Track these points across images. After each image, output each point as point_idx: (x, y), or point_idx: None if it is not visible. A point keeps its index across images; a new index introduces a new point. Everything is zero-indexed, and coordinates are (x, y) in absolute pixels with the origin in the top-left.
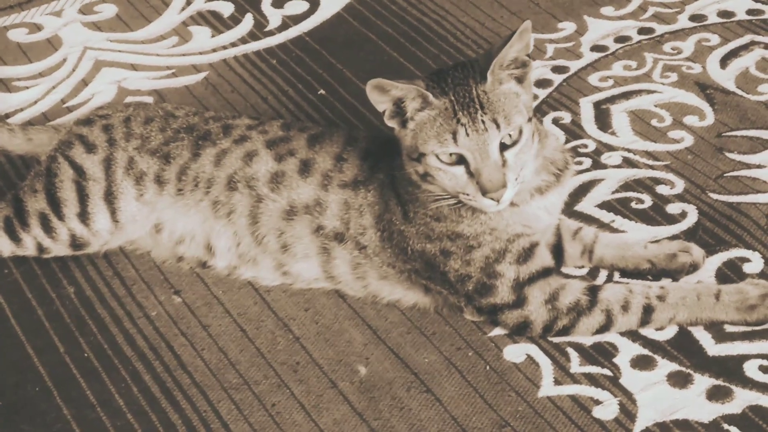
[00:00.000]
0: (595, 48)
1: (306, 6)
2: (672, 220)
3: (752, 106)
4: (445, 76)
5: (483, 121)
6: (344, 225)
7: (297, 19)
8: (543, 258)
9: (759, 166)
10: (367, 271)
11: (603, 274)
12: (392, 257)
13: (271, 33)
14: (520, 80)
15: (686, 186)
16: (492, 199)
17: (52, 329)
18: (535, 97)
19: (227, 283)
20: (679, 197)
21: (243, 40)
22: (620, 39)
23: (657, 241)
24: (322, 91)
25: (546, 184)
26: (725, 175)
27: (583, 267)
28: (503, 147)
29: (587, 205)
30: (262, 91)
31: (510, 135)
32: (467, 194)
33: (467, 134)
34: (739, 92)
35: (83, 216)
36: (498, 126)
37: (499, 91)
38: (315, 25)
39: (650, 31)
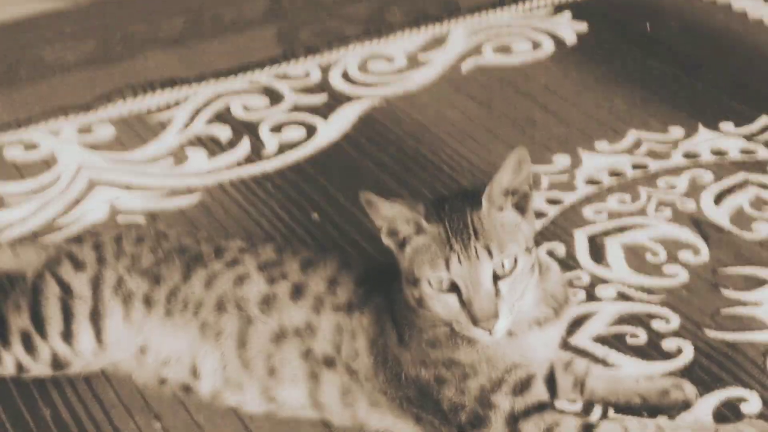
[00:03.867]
0: (590, 181)
1: (304, 133)
2: (667, 356)
3: (747, 243)
4: (444, 202)
5: (475, 249)
6: (335, 349)
7: (294, 145)
8: (539, 391)
9: (755, 304)
10: (357, 397)
11: (598, 409)
12: (385, 383)
13: (267, 158)
14: (520, 210)
15: (682, 322)
16: (484, 329)
17: None
18: None
19: (210, 410)
20: (675, 333)
21: (239, 164)
22: (614, 173)
23: (650, 377)
24: (316, 216)
25: (545, 317)
26: (721, 311)
27: (575, 401)
28: (497, 276)
29: (581, 337)
30: (256, 215)
31: (504, 264)
32: (460, 323)
33: (459, 262)
34: (734, 229)
35: (67, 335)
36: (491, 254)
37: (495, 218)
38: (312, 152)
39: (644, 166)
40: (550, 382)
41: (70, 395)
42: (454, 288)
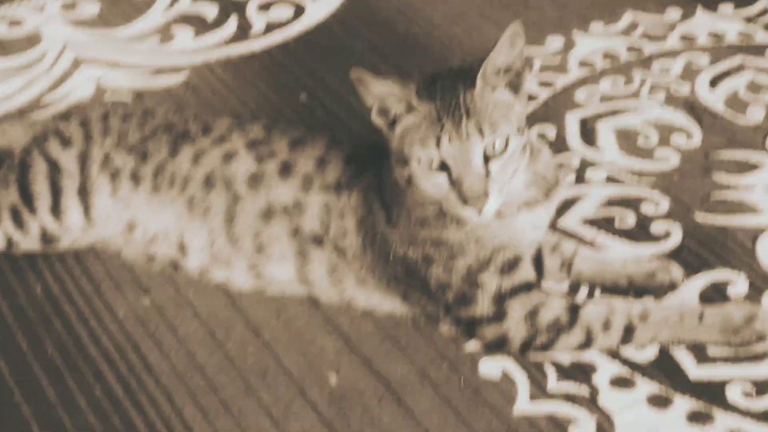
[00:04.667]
0: (583, 64)
1: (291, 12)
2: (656, 239)
3: (740, 128)
4: (436, 80)
5: (467, 128)
6: (324, 228)
7: (282, 25)
8: (526, 272)
9: (747, 188)
10: (344, 275)
11: (585, 290)
12: (372, 262)
13: (254, 37)
14: (514, 89)
15: (672, 206)
16: (473, 208)
17: (15, 325)
18: None
19: (198, 286)
20: (664, 216)
21: (226, 43)
22: (608, 56)
23: (637, 259)
24: (304, 97)
25: (535, 198)
26: (712, 195)
27: (562, 282)
28: (488, 157)
29: (570, 220)
30: (243, 95)
31: (495, 144)
32: (449, 202)
33: (450, 141)
34: (728, 114)
35: (55, 210)
36: (482, 134)
37: (488, 98)
38: (300, 32)
39: (639, 49)
40: (538, 263)
41: (60, 270)
42: (444, 167)
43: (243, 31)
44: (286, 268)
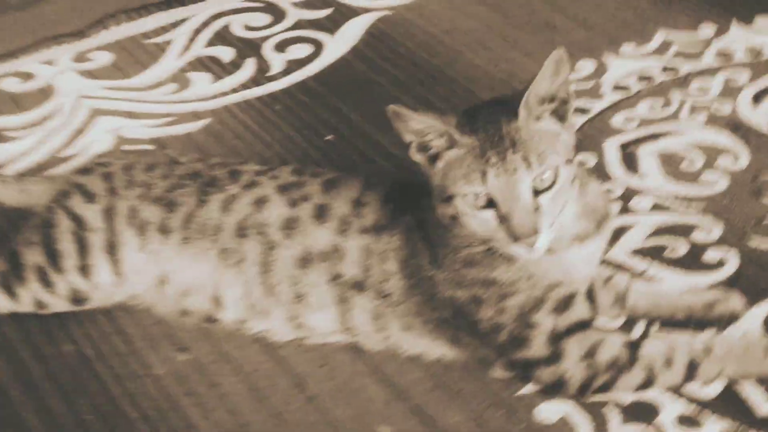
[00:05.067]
0: (618, 87)
1: (310, 50)
2: (711, 268)
3: None
4: (477, 113)
5: (513, 161)
6: (365, 272)
7: (301, 63)
8: (581, 309)
9: None
10: (389, 321)
11: (641, 325)
12: (418, 305)
13: (273, 78)
14: (560, 118)
15: (724, 231)
16: (524, 246)
17: (48, 389)
18: None
19: (236, 339)
20: (717, 243)
21: (245, 86)
22: (643, 78)
23: (694, 290)
24: (330, 137)
25: (586, 231)
26: (765, 220)
27: (616, 317)
28: (537, 190)
29: (618, 252)
30: (267, 138)
31: (544, 177)
32: (498, 240)
33: (496, 175)
34: None
35: (84, 268)
36: (530, 166)
37: (533, 128)
38: (320, 69)
39: (674, 70)
40: (590, 298)
41: (92, 330)
42: (490, 203)
43: (261, 72)
44: (327, 316)
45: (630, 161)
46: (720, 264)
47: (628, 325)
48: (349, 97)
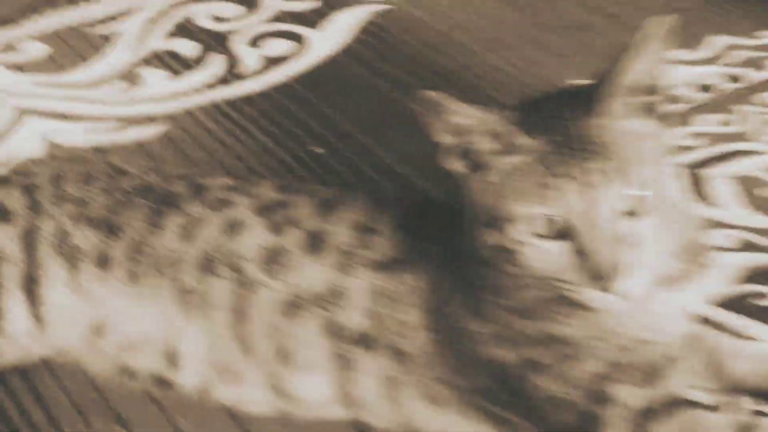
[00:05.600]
0: (670, 99)
1: (291, 47)
2: None
3: None
4: (540, 107)
5: (590, 170)
6: (375, 323)
7: (280, 62)
8: (676, 380)
9: None
10: (405, 390)
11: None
12: (446, 369)
13: (248, 77)
14: (657, 116)
15: None
16: (606, 289)
17: None
18: None
19: (196, 411)
20: None
21: (210, 87)
22: (701, 88)
23: None
24: (318, 149)
25: (677, 273)
26: None
27: (710, 390)
28: (631, 212)
29: (695, 301)
30: (238, 149)
31: (641, 195)
32: (569, 282)
33: (576, 191)
34: None
35: None
36: (623, 180)
37: (626, 129)
38: (305, 69)
39: (736, 78)
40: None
41: (4, 398)
42: (563, 232)
43: (232, 71)
44: (320, 381)
45: (698, 186)
46: None
47: (729, 403)
48: (341, 102)
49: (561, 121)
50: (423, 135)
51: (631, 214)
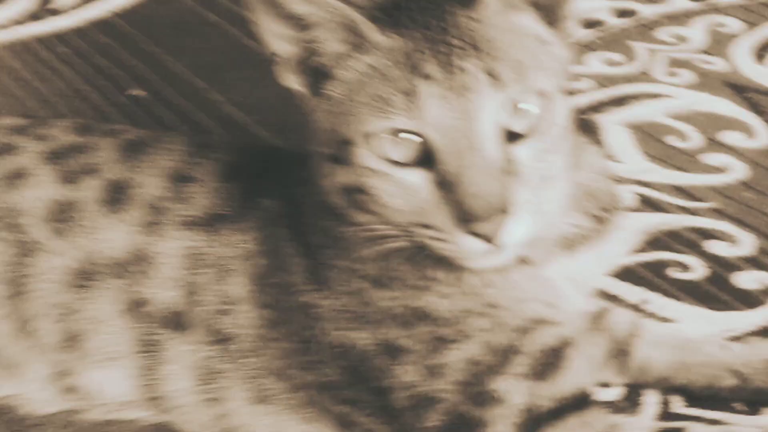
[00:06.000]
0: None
1: None
2: (750, 300)
3: None
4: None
5: (469, 72)
6: (189, 297)
7: None
8: (578, 371)
9: None
10: (226, 384)
11: (653, 398)
12: (282, 358)
13: (61, 12)
14: (549, 19)
15: (758, 242)
16: (482, 236)
17: None
18: None
19: None
20: (753, 261)
21: (18, 22)
22: (590, 24)
23: (739, 339)
24: (137, 92)
25: (579, 232)
26: None
27: (612, 383)
28: (513, 134)
29: (597, 270)
30: (44, 91)
31: (524, 108)
32: (434, 226)
33: (438, 97)
34: None
35: None
36: (500, 83)
37: (506, 24)
38: (129, 3)
39: (632, 12)
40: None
41: None
42: (426, 156)
43: (46, 6)
44: (118, 374)
45: (590, 134)
46: (765, 294)
47: (632, 398)
48: (171, 40)
49: (429, 12)
50: (271, 80)
51: (516, 134)
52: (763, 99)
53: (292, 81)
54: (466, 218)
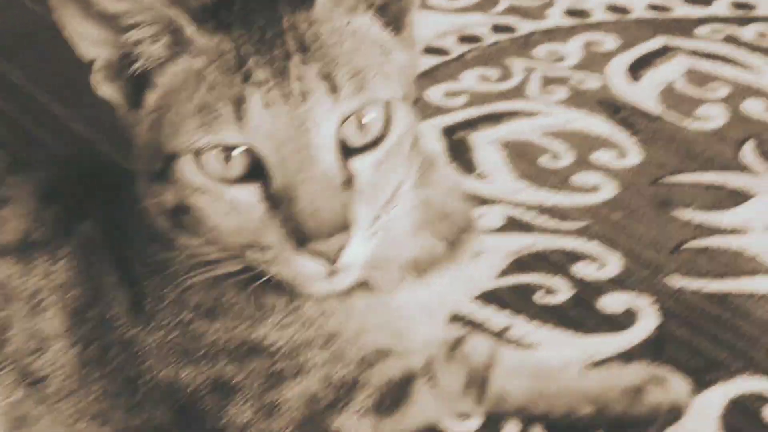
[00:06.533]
0: (431, 51)
1: None
2: (615, 323)
3: (697, 137)
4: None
5: (303, 78)
6: None
7: None
8: (425, 406)
9: (738, 231)
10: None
11: (514, 427)
12: (105, 400)
13: None
14: (391, 24)
15: (625, 263)
16: (321, 256)
17: None
18: None
19: None
20: (618, 283)
21: None
22: (466, 39)
23: (606, 367)
24: None
25: (431, 254)
26: (685, 246)
27: (470, 414)
28: (350, 148)
29: (452, 294)
30: None
31: (364, 119)
32: (265, 248)
33: (266, 105)
34: (670, 116)
35: None
36: (336, 91)
37: (344, 26)
38: None
39: (509, 29)
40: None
41: None
42: (256, 170)
43: None
44: None
45: (461, 153)
46: (629, 317)
47: (491, 428)
48: (9, 48)
49: (259, 12)
50: None
51: (354, 149)
52: (638, 118)
53: (109, 90)
54: (302, 237)
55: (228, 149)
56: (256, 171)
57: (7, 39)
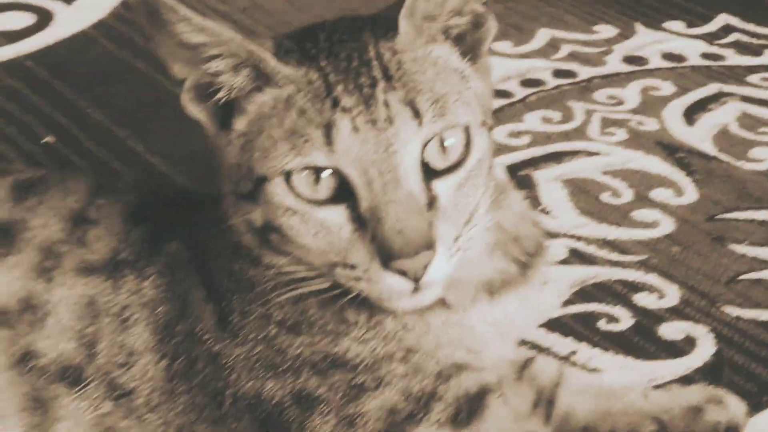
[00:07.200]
0: (495, 93)
1: (32, 19)
2: (674, 350)
3: (750, 176)
4: (317, 33)
5: (388, 104)
6: (85, 349)
7: (14, 37)
8: (501, 419)
9: None
10: None
11: None
12: (190, 412)
13: None
14: (469, 53)
15: (683, 294)
16: (406, 274)
17: None
18: None
19: None
20: (677, 312)
21: None
22: (529, 83)
23: (666, 389)
24: (49, 138)
25: (502, 276)
26: (740, 278)
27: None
28: (432, 170)
29: (521, 323)
30: None
31: (446, 142)
32: (353, 266)
33: (354, 130)
34: (724, 157)
35: None
36: (419, 114)
37: (425, 55)
38: (45, 46)
39: (570, 74)
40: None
41: None
42: (342, 191)
43: None
44: None
45: (524, 188)
46: (688, 343)
47: None
48: (88, 87)
49: (344, 42)
50: (193, 127)
51: (436, 171)
52: (694, 159)
53: (196, 111)
54: (389, 255)
55: (317, 171)
56: (343, 193)
57: (87, 78)
